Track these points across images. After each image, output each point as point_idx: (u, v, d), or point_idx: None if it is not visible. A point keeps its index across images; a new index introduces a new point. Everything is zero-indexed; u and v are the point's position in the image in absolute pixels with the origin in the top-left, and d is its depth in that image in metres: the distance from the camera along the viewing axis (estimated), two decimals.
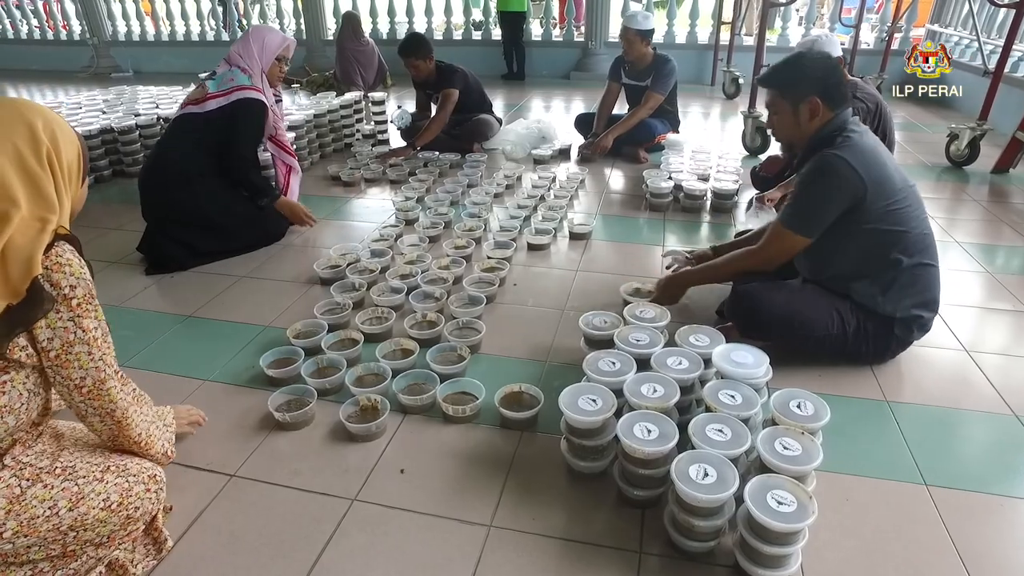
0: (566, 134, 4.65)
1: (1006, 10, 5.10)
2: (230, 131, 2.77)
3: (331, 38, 8.09)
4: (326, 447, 1.67)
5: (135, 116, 4.13)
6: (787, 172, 3.31)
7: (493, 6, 7.84)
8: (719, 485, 1.26)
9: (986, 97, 4.00)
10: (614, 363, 1.69)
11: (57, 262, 1.06)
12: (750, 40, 7.30)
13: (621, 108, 4.43)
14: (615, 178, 3.94)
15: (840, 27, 6.81)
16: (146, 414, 1.31)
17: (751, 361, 1.63)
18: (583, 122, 4.55)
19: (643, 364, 1.70)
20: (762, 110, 4.30)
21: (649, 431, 1.40)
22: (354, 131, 4.68)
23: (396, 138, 4.62)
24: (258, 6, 10.35)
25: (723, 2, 7.32)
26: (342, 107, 4.53)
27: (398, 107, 4.50)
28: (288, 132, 3.77)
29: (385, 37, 8.22)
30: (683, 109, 4.93)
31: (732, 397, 1.51)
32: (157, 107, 4.42)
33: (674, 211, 3.33)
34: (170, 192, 2.69)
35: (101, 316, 1.14)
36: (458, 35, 8.25)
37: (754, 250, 1.99)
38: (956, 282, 2.52)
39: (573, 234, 3.00)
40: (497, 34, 7.93)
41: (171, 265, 2.69)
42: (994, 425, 1.75)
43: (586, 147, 4.26)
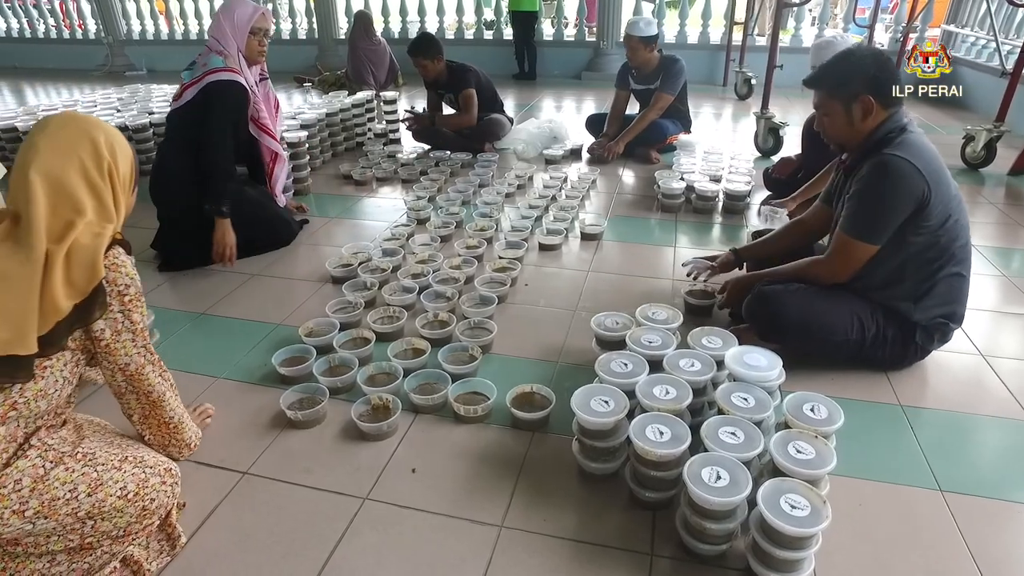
0: (578, 134, 4.64)
1: None
2: (204, 120, 2.62)
3: (343, 37, 8.12)
4: (338, 446, 1.68)
5: (149, 114, 4.18)
6: (800, 174, 3.30)
7: (505, 6, 7.84)
8: (732, 488, 1.25)
9: (1003, 98, 3.95)
10: (626, 364, 1.68)
11: (114, 263, 1.19)
12: (763, 40, 7.27)
13: (633, 109, 4.41)
14: (627, 179, 3.93)
15: (854, 27, 6.75)
16: (179, 402, 1.42)
17: (764, 364, 1.62)
18: (594, 123, 4.54)
19: (655, 366, 1.70)
20: (774, 111, 4.30)
21: (661, 433, 1.40)
22: (366, 130, 4.71)
23: (407, 138, 4.63)
24: (270, 5, 10.40)
25: (736, 2, 7.28)
26: (354, 106, 4.55)
27: (407, 108, 4.50)
28: (300, 131, 3.79)
29: (397, 36, 8.24)
30: (695, 110, 4.91)
31: (745, 400, 1.50)
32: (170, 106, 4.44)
33: (686, 212, 3.32)
34: (171, 193, 2.68)
35: (145, 311, 1.28)
36: (470, 34, 8.26)
37: (821, 261, 1.90)
38: (972, 286, 2.44)
39: (585, 234, 3.00)
40: (508, 34, 7.93)
41: (183, 263, 2.70)
42: (1011, 431, 1.73)
43: (597, 146, 4.24)
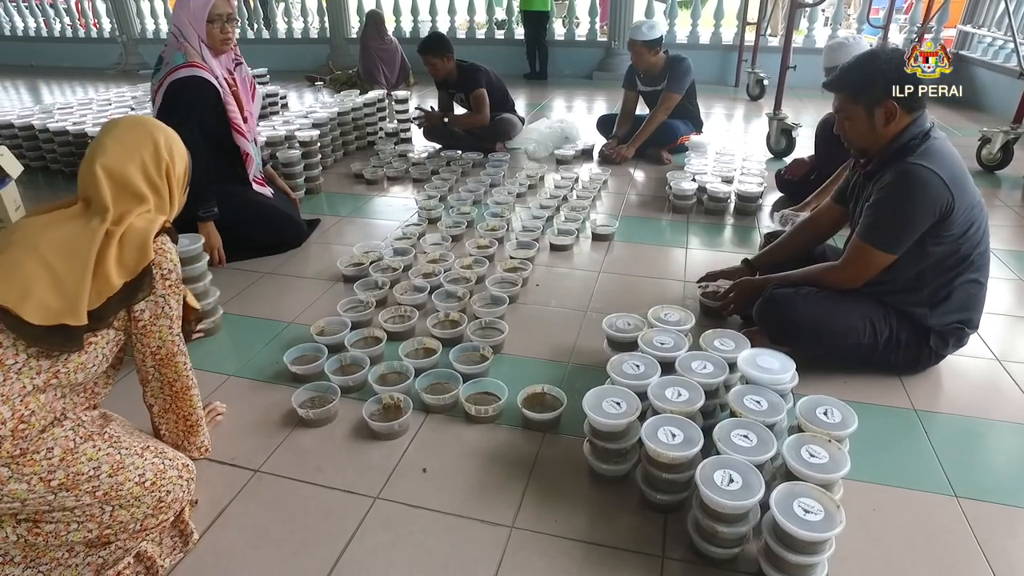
0: (589, 134, 4.63)
1: None
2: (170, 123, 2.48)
3: (355, 36, 8.15)
4: (349, 444, 1.68)
5: None
6: (812, 175, 3.28)
7: (516, 5, 7.84)
8: (744, 491, 1.25)
9: (1021, 100, 3.90)
10: (638, 366, 1.68)
11: (161, 248, 1.26)
12: (775, 41, 7.23)
13: (642, 110, 4.39)
14: (638, 179, 3.92)
15: (868, 28, 6.68)
16: (200, 404, 1.45)
17: (777, 366, 1.61)
18: (605, 123, 4.53)
19: (667, 367, 1.69)
20: (787, 111, 4.27)
21: (673, 435, 1.39)
22: (377, 129, 4.72)
23: (419, 137, 4.64)
24: (283, 4, 10.46)
25: (748, 2, 7.24)
26: (365, 105, 4.56)
27: (418, 107, 4.52)
28: (312, 129, 3.81)
29: (408, 36, 8.26)
30: (706, 110, 4.89)
31: (757, 402, 1.50)
32: None
33: (697, 213, 3.30)
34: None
35: (181, 299, 1.33)
36: (481, 34, 8.27)
37: (835, 267, 1.88)
38: (988, 290, 2.45)
39: (596, 235, 2.99)
40: (520, 33, 7.93)
41: None
42: None
43: (608, 148, 4.23)
